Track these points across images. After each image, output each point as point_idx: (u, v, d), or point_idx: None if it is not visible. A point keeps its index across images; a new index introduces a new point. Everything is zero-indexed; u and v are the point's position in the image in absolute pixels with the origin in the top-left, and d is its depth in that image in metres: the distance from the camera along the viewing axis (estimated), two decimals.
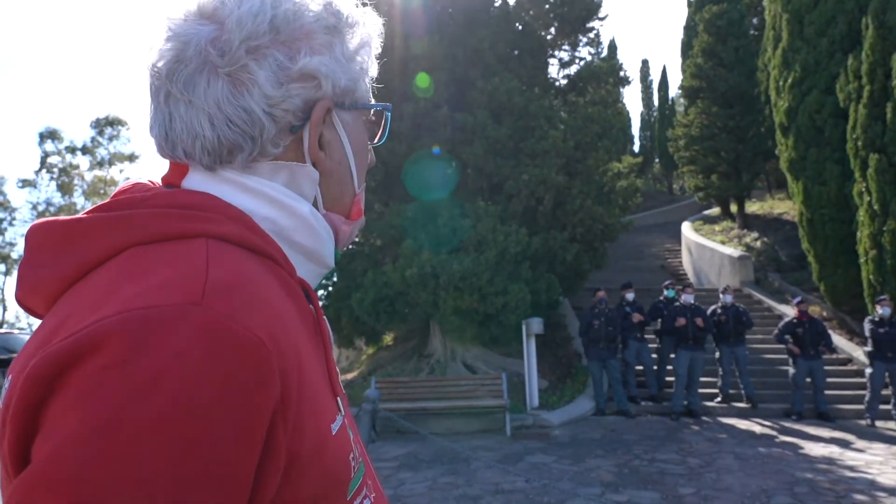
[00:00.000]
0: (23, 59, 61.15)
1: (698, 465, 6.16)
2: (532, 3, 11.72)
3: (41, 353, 0.44)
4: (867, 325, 8.21)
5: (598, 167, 10.91)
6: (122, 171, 30.18)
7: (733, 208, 18.21)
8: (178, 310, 0.44)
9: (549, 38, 12.18)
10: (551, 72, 12.46)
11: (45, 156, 28.70)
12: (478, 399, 8.22)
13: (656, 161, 32.48)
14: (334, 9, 0.63)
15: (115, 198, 0.57)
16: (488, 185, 10.40)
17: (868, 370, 8.14)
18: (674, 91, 30.15)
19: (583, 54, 12.70)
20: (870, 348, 8.10)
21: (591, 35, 12.41)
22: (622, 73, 12.10)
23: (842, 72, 10.37)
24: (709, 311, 9.01)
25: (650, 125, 34.08)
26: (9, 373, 0.49)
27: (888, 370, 7.97)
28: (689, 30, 22.21)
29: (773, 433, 7.64)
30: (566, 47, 12.52)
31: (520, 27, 11.59)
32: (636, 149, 33.77)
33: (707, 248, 15.82)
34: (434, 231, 9.48)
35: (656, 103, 32.92)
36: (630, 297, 9.44)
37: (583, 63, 12.48)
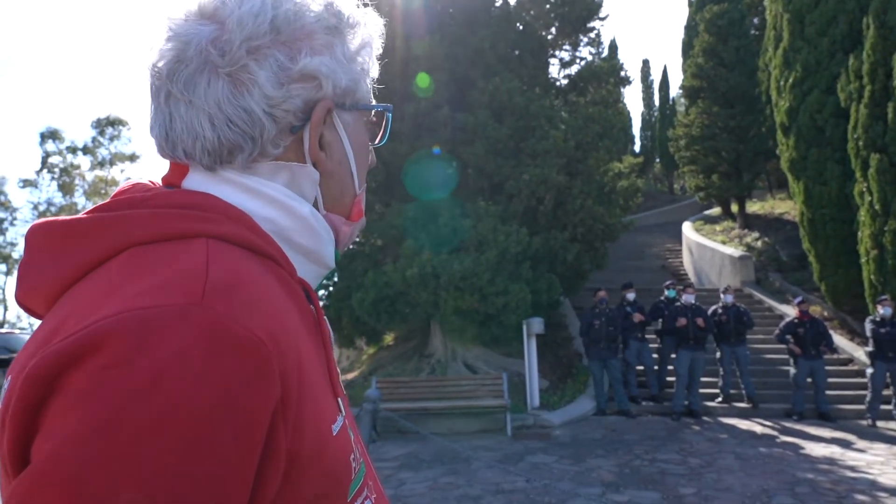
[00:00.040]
0: (24, 59, 61.26)
1: (699, 466, 6.16)
2: (533, 3, 11.72)
3: (41, 353, 0.44)
4: (868, 325, 8.21)
5: (598, 167, 10.91)
6: (122, 171, 30.24)
7: (734, 208, 18.19)
8: (178, 310, 0.44)
9: (549, 38, 12.19)
10: (552, 72, 12.48)
11: (46, 156, 28.74)
12: (478, 399, 8.22)
13: (657, 161, 32.47)
14: (335, 9, 0.63)
15: (115, 198, 0.57)
16: (489, 185, 10.40)
17: (869, 370, 8.14)
18: (674, 91, 30.12)
19: (583, 54, 12.72)
20: (871, 348, 8.10)
21: (592, 35, 12.43)
22: (623, 73, 12.10)
23: (843, 72, 10.37)
24: (710, 311, 9.01)
25: (651, 125, 34.06)
26: (9, 373, 0.49)
27: (889, 370, 7.96)
28: (690, 29, 22.19)
29: (774, 433, 7.63)
30: (567, 47, 12.53)
31: (520, 27, 11.59)
32: (637, 149, 33.75)
33: (708, 248, 15.81)
34: (435, 231, 9.48)
35: (657, 103, 32.91)
36: (631, 297, 9.44)
37: (583, 63, 12.49)
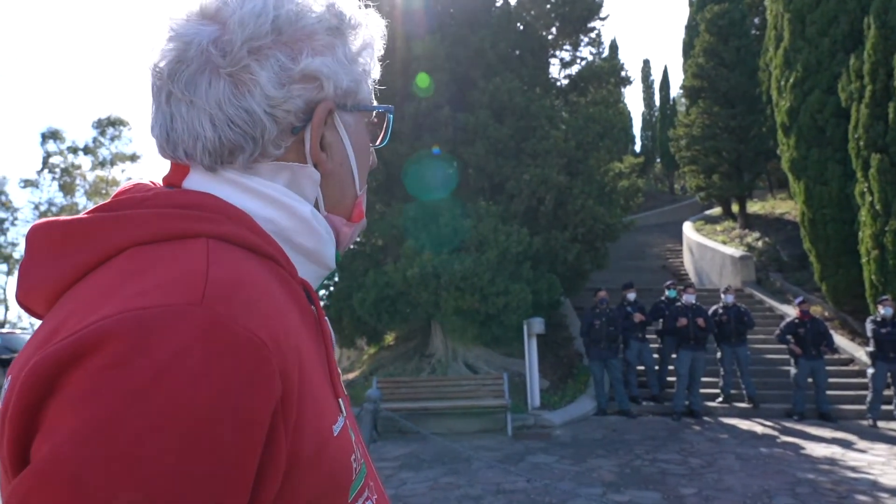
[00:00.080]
0: (25, 59, 61.29)
1: (700, 466, 6.16)
2: (533, 3, 11.72)
3: (41, 352, 0.44)
4: (869, 326, 8.20)
5: (599, 167, 10.91)
6: (123, 171, 30.26)
7: (735, 208, 18.18)
8: (178, 310, 0.44)
9: (550, 38, 12.18)
10: (553, 72, 12.48)
11: (47, 156, 28.75)
12: (479, 399, 8.22)
13: (657, 161, 32.44)
14: (337, 10, 0.62)
15: (115, 198, 0.57)
16: (489, 185, 10.40)
17: (870, 370, 8.13)
18: (675, 91, 30.08)
19: (584, 54, 12.72)
20: (871, 348, 8.09)
21: (593, 35, 12.43)
22: (623, 73, 12.10)
23: (844, 71, 10.36)
24: (710, 311, 9.00)
25: (651, 125, 34.02)
26: (9, 372, 0.49)
27: (890, 370, 7.96)
28: (691, 29, 22.19)
29: (774, 433, 7.63)
30: (567, 47, 12.53)
31: (521, 27, 11.58)
32: (637, 149, 33.70)
33: (708, 248, 15.80)
34: (435, 231, 9.48)
35: (657, 103, 32.89)
36: (631, 296, 9.44)
37: (584, 63, 12.49)
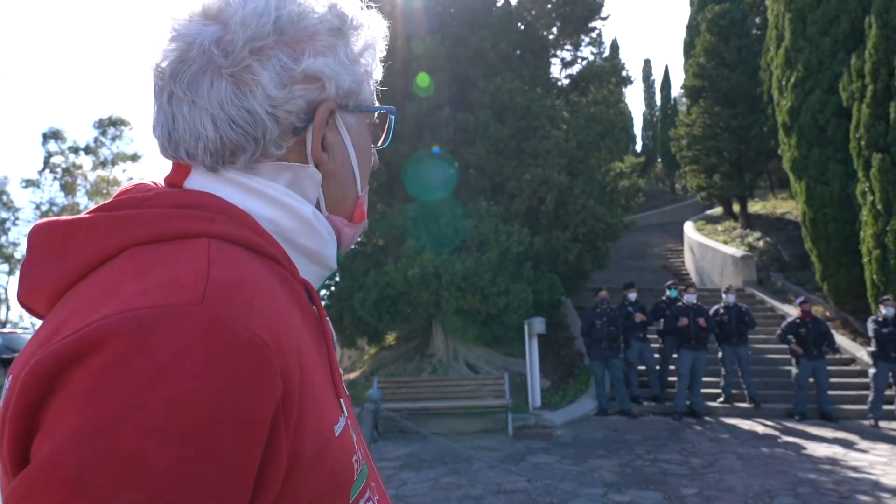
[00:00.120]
0: (26, 59, 61.35)
1: (701, 466, 6.15)
2: (534, 3, 11.72)
3: (41, 352, 0.44)
4: (870, 325, 8.19)
5: (600, 167, 10.91)
6: (124, 170, 30.27)
7: (736, 208, 18.16)
8: (178, 310, 0.44)
9: (551, 37, 12.18)
10: (553, 72, 12.48)
11: (49, 156, 28.78)
12: (480, 399, 8.22)
13: (658, 161, 32.41)
14: (339, 11, 0.62)
15: (116, 198, 0.57)
16: (490, 185, 10.40)
17: (871, 370, 8.12)
18: (676, 91, 30.03)
19: (585, 54, 12.73)
20: (873, 348, 8.08)
21: (594, 35, 12.43)
22: (624, 73, 12.09)
23: (845, 71, 10.35)
24: (711, 311, 9.00)
25: (652, 125, 33.98)
26: (10, 372, 0.49)
27: (891, 370, 7.95)
28: (692, 29, 22.17)
29: (775, 433, 7.62)
30: (568, 47, 12.53)
31: (522, 27, 11.58)
32: (638, 148, 33.66)
33: (709, 248, 15.79)
34: (436, 231, 9.48)
35: (658, 103, 32.85)
36: (632, 296, 9.43)
37: (585, 63, 12.49)
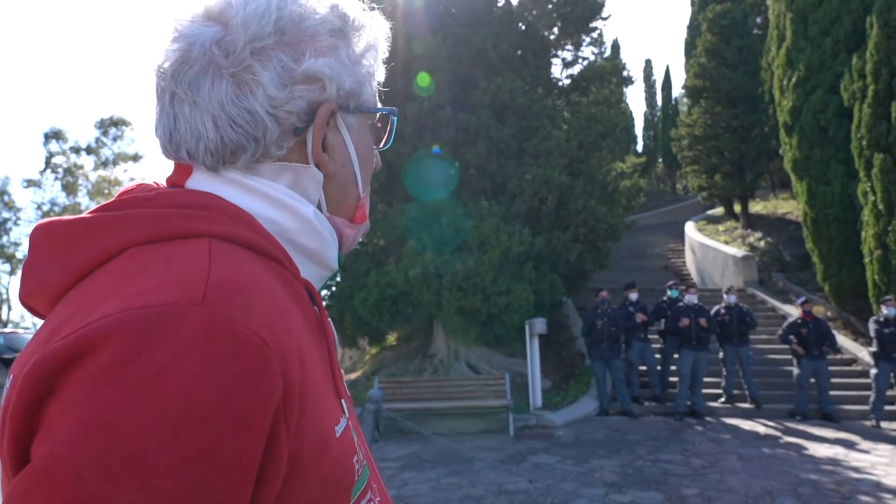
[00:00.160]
0: (27, 59, 61.42)
1: (702, 466, 6.15)
2: (535, 3, 11.72)
3: (41, 351, 0.44)
4: (872, 326, 8.18)
5: (601, 167, 10.90)
6: (126, 171, 30.29)
7: (737, 208, 18.15)
8: (178, 309, 0.44)
9: (552, 37, 12.18)
10: (554, 72, 12.48)
11: (50, 156, 28.81)
12: (481, 399, 8.22)
13: (659, 161, 32.39)
14: (340, 11, 0.62)
15: (118, 198, 0.57)
16: (491, 185, 10.40)
17: (873, 370, 8.11)
18: (677, 91, 30.01)
19: (586, 54, 12.72)
20: (874, 348, 8.07)
21: (595, 35, 12.42)
22: (625, 73, 12.09)
23: (846, 71, 10.34)
24: (712, 311, 8.99)
25: (653, 125, 33.97)
26: (11, 371, 0.49)
27: (893, 370, 7.94)
28: (693, 29, 22.17)
29: (777, 434, 7.61)
30: (569, 47, 12.52)
31: (523, 27, 11.58)
32: (639, 149, 33.64)
33: (711, 248, 15.78)
34: (437, 231, 9.48)
35: (659, 103, 32.84)
36: (633, 297, 9.42)
37: (586, 63, 12.48)
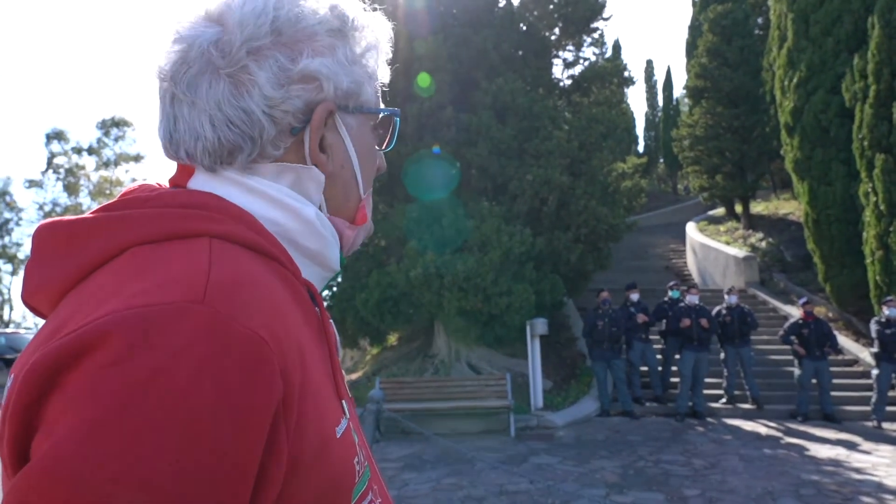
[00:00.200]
0: (29, 60, 61.50)
1: (703, 467, 6.14)
2: (536, 4, 11.72)
3: (41, 350, 0.44)
4: (873, 326, 8.17)
5: (602, 167, 10.90)
6: (127, 171, 30.35)
7: (738, 209, 18.13)
8: (178, 308, 0.44)
9: (553, 38, 12.18)
10: (555, 72, 12.48)
11: (52, 156, 28.87)
12: (482, 400, 8.21)
13: (661, 161, 32.38)
14: (340, 12, 0.62)
15: (120, 198, 0.57)
16: (492, 185, 10.40)
17: (874, 371, 8.10)
18: (678, 91, 30.02)
19: (587, 55, 12.76)
20: (876, 349, 8.06)
21: (596, 35, 12.43)
22: (626, 74, 12.09)
23: (847, 71, 10.33)
24: (714, 311, 8.99)
25: (654, 125, 33.97)
26: (12, 371, 0.49)
27: (894, 371, 7.93)
28: (694, 30, 22.16)
29: (778, 434, 7.60)
30: (570, 48, 12.53)
31: (524, 28, 11.58)
32: (640, 149, 33.62)
33: (712, 249, 15.76)
34: (438, 231, 9.48)
35: (661, 103, 32.84)
36: (635, 297, 9.41)
37: (587, 63, 12.49)
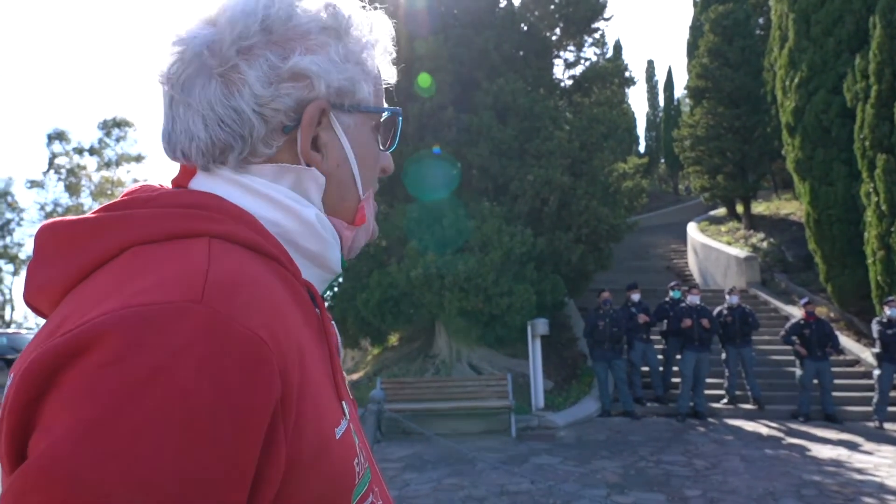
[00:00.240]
0: (30, 60, 61.59)
1: (704, 467, 6.14)
2: (537, 4, 11.71)
3: (39, 349, 0.44)
4: (875, 327, 8.16)
5: (603, 168, 10.89)
6: (128, 171, 30.42)
7: (739, 209, 18.11)
8: (177, 307, 0.44)
9: (554, 38, 12.18)
10: (556, 72, 12.48)
11: (53, 157, 28.92)
12: (483, 400, 8.21)
13: (662, 161, 32.35)
14: (334, 10, 0.62)
15: (122, 198, 0.57)
16: (493, 185, 10.39)
17: (876, 372, 8.09)
18: (679, 91, 29.99)
19: (588, 55, 12.72)
20: (877, 350, 8.05)
21: (597, 36, 12.43)
22: (627, 74, 12.09)
23: (849, 71, 10.32)
24: (715, 311, 8.98)
25: (655, 125, 33.94)
26: (11, 371, 0.49)
27: None
28: (695, 30, 22.13)
29: (779, 435, 7.59)
30: (571, 48, 12.52)
31: (525, 28, 11.58)
32: (641, 149, 33.59)
33: (713, 249, 15.75)
34: (439, 232, 9.48)
35: (662, 104, 32.79)
36: (636, 297, 9.40)
37: (588, 64, 12.48)
